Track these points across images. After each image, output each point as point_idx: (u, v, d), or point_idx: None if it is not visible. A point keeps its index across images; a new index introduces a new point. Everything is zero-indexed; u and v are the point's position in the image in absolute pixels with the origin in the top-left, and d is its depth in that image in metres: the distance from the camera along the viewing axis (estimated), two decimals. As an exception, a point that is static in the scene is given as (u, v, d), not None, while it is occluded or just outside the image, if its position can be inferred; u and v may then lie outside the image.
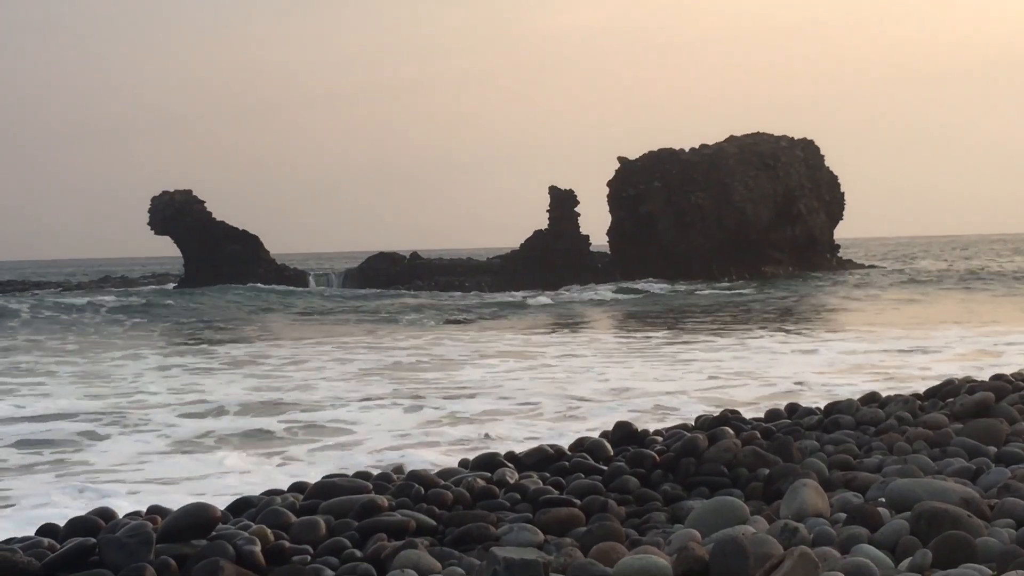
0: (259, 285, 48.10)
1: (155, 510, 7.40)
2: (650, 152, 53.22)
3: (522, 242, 53.22)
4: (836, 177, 58.54)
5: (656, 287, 46.68)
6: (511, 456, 8.62)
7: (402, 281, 52.10)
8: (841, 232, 59.94)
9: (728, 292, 43.84)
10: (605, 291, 45.58)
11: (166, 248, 52.98)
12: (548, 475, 7.94)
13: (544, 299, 42.48)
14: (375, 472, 8.43)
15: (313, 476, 8.72)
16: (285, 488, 8.13)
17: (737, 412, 10.26)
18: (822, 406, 10.26)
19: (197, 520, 6.30)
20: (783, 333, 26.05)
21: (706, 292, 44.05)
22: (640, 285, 47.24)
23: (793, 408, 10.34)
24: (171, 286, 54.05)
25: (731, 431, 8.65)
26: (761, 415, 10.33)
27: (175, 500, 7.90)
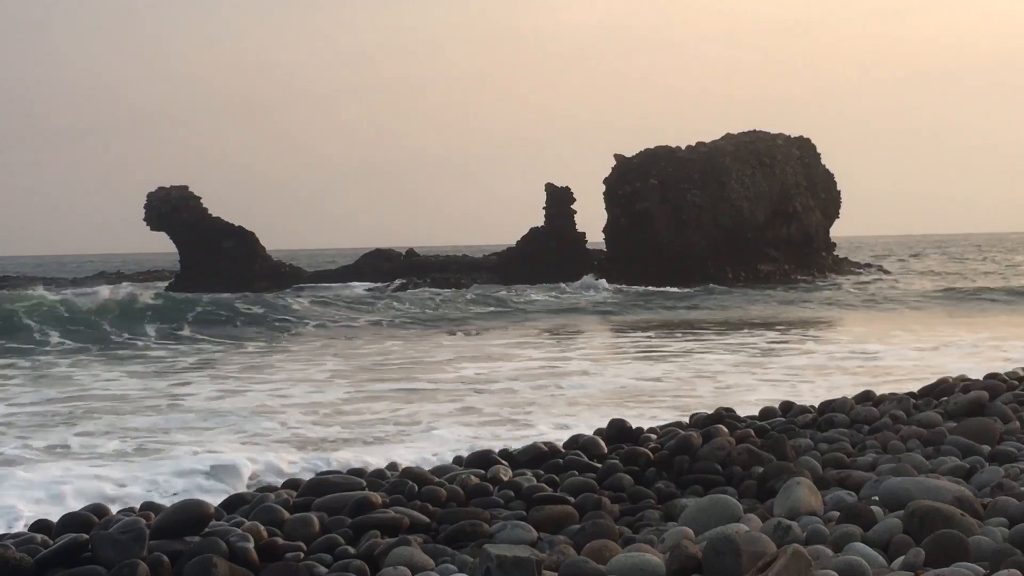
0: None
1: (148, 506, 7.41)
2: (646, 150, 53.15)
3: (518, 239, 53.23)
4: (832, 175, 58.49)
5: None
6: (505, 453, 8.62)
7: (397, 278, 52.04)
8: (837, 230, 59.99)
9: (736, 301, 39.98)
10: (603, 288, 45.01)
11: (161, 244, 52.94)
12: (542, 472, 7.94)
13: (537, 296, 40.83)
14: (369, 469, 8.43)
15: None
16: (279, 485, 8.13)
17: (732, 410, 10.26)
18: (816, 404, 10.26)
19: (190, 516, 6.31)
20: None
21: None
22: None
23: (787, 406, 10.35)
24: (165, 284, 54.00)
25: (725, 429, 8.65)
26: (755, 413, 10.33)
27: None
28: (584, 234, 52.72)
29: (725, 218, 52.18)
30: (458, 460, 8.77)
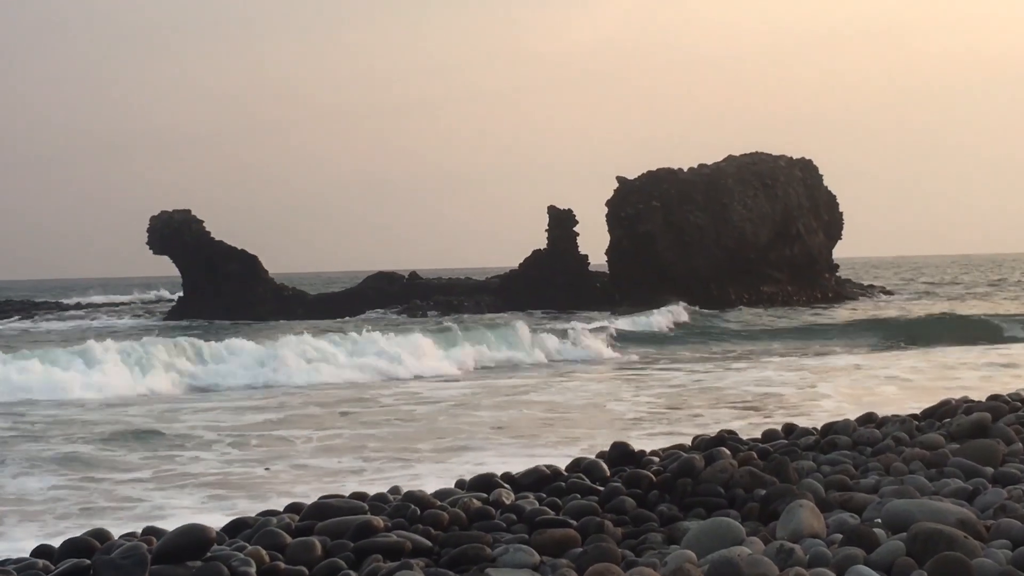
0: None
1: (150, 531, 7.39)
2: (649, 172, 53.26)
3: (521, 262, 53.28)
4: (834, 196, 58.57)
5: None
6: (507, 476, 8.61)
7: (400, 301, 52.05)
8: (841, 251, 60.02)
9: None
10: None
11: (165, 268, 53.07)
12: (544, 496, 7.92)
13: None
14: (371, 493, 8.41)
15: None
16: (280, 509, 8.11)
17: (734, 433, 10.25)
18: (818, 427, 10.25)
19: (192, 541, 6.30)
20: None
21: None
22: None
23: (790, 428, 10.33)
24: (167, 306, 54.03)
25: (728, 452, 8.64)
26: (758, 435, 10.32)
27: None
28: (587, 256, 52.78)
29: (728, 240, 52.23)
30: (460, 483, 8.75)
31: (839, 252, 59.85)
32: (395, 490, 8.62)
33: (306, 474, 12.07)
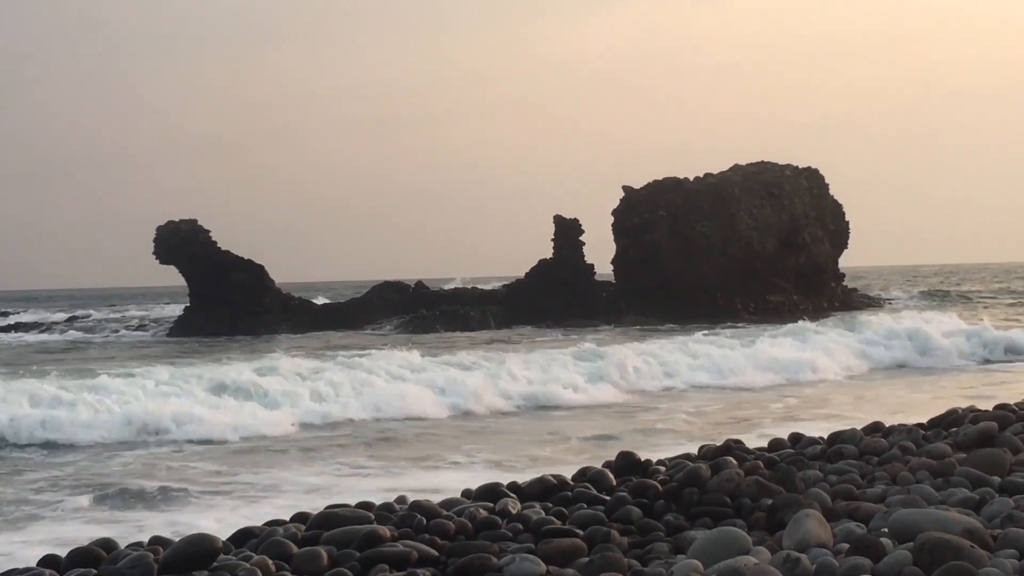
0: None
1: (157, 541, 7.41)
2: (655, 181, 53.26)
3: (527, 271, 53.24)
4: (840, 206, 58.54)
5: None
6: (514, 486, 8.61)
7: (407, 311, 51.99)
8: (849, 261, 60.00)
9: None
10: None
11: (170, 277, 53.14)
12: (551, 505, 7.93)
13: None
14: (378, 502, 8.41)
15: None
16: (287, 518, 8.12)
17: (740, 442, 10.25)
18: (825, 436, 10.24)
19: (198, 551, 6.32)
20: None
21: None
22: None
23: (796, 438, 10.34)
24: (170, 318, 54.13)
25: (734, 461, 8.63)
26: (764, 445, 10.32)
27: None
28: (593, 265, 52.75)
29: (734, 249, 52.20)
30: (467, 493, 8.76)
31: (845, 261, 59.87)
32: (401, 499, 8.62)
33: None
